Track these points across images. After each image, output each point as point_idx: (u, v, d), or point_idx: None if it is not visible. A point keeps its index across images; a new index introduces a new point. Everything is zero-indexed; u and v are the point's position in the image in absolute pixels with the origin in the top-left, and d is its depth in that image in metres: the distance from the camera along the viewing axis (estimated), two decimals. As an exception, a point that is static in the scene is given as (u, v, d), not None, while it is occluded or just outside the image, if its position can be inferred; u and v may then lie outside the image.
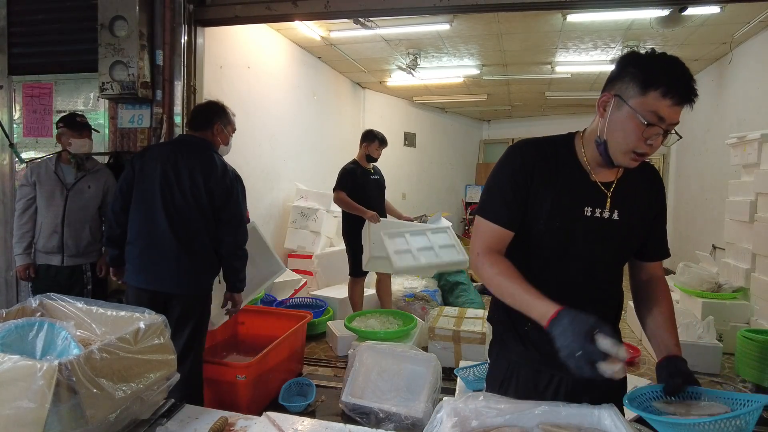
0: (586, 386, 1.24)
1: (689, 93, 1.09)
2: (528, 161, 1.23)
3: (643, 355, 3.82)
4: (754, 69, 4.81)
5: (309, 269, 5.04)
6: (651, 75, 1.10)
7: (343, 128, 7.21)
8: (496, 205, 1.24)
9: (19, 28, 3.53)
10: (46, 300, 1.33)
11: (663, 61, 1.13)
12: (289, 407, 2.75)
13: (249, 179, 4.72)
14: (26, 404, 0.93)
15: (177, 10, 3.25)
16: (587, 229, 1.21)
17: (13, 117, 3.61)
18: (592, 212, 1.21)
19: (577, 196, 1.22)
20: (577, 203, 1.22)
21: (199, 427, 1.24)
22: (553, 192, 1.22)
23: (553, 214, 1.21)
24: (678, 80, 1.09)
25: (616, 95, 1.14)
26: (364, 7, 3.17)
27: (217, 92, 4.09)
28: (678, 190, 7.28)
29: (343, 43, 5.47)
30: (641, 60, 1.15)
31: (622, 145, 1.13)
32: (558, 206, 1.21)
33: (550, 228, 1.22)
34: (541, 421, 1.04)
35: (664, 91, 1.07)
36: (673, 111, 1.09)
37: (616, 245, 1.25)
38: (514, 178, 1.23)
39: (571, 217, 1.21)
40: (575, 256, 1.23)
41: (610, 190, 1.23)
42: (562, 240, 1.22)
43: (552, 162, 1.24)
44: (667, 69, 1.10)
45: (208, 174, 2.38)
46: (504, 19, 4.52)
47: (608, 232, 1.22)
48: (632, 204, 1.25)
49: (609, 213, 1.22)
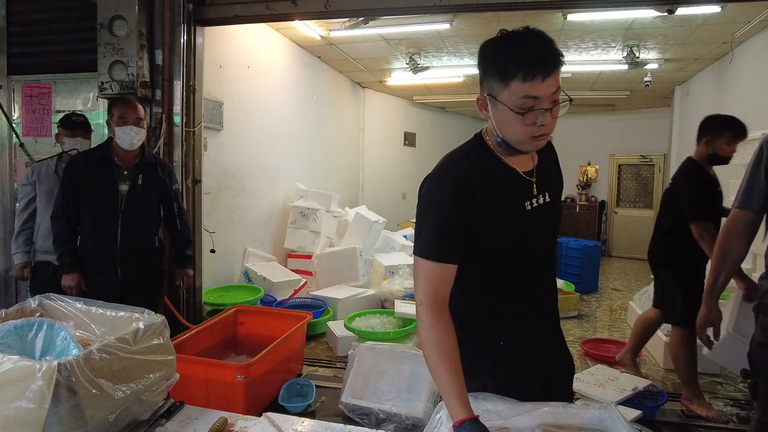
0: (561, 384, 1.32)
1: (550, 62, 1.03)
2: (461, 180, 1.13)
3: (644, 355, 3.81)
4: (754, 68, 4.81)
5: (309, 269, 5.04)
6: (504, 66, 1.05)
7: (343, 128, 7.21)
8: (433, 241, 1.12)
9: (18, 27, 3.53)
10: (46, 300, 1.33)
11: (511, 44, 1.07)
12: (288, 408, 2.75)
13: (249, 179, 4.73)
14: (26, 405, 0.92)
15: (176, 10, 3.24)
16: (535, 221, 1.20)
17: (13, 117, 3.60)
18: (531, 204, 1.20)
19: (518, 195, 1.20)
20: (517, 201, 1.19)
21: (198, 427, 1.23)
22: (496, 201, 1.16)
23: (506, 222, 1.17)
24: (532, 57, 1.03)
25: (488, 95, 1.11)
26: (364, 7, 3.17)
27: (216, 92, 4.09)
28: (678, 189, 7.26)
29: (343, 42, 5.46)
30: (491, 52, 1.10)
31: (516, 136, 1.11)
32: (507, 212, 1.17)
33: (508, 234, 1.17)
34: (541, 422, 1.04)
35: (523, 75, 1.02)
36: (545, 85, 1.04)
37: (554, 226, 1.28)
38: (452, 203, 1.12)
39: (520, 217, 1.19)
40: (534, 252, 1.23)
41: (533, 176, 1.22)
42: (519, 241, 1.18)
43: (482, 171, 1.16)
44: (516, 52, 1.05)
45: None
46: (504, 18, 4.51)
47: (549, 216, 1.24)
48: (551, 181, 1.27)
49: (543, 198, 1.22)
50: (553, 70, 1.04)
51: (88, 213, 2.55)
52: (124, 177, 2.55)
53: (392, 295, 4.37)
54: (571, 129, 9.33)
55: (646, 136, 8.86)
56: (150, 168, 2.63)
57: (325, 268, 4.92)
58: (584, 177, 9.49)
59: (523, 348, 1.23)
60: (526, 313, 1.25)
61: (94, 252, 2.55)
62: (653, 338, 3.82)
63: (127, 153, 2.56)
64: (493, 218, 1.15)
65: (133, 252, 2.56)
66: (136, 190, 2.56)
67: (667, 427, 2.71)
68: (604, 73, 6.36)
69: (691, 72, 6.36)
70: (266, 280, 4.44)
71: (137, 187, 2.56)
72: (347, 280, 4.78)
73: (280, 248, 5.34)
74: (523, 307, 1.24)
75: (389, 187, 8.35)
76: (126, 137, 2.50)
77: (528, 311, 1.25)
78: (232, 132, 4.36)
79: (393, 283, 4.48)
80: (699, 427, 2.71)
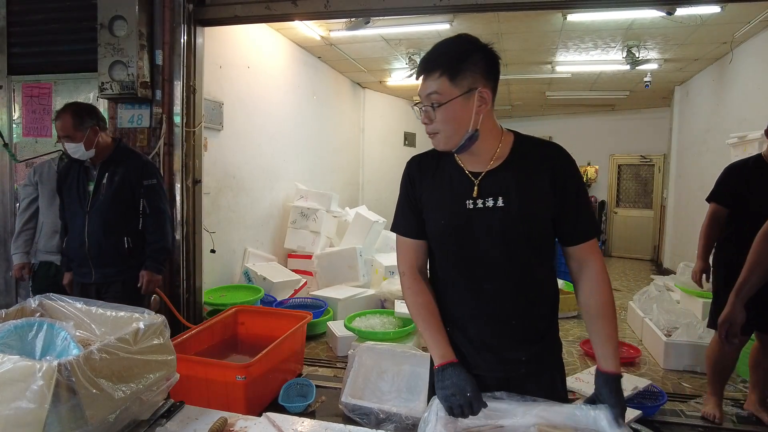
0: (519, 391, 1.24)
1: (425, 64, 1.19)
2: (411, 171, 1.34)
3: (644, 355, 3.81)
4: (754, 68, 4.81)
5: (309, 269, 5.04)
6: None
7: (343, 128, 7.21)
8: (401, 219, 1.35)
9: (18, 28, 3.53)
10: (46, 300, 1.33)
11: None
12: (289, 408, 2.75)
13: (249, 179, 4.73)
14: (26, 404, 0.92)
15: (176, 10, 3.24)
16: (474, 220, 1.23)
17: (13, 117, 3.61)
18: (474, 203, 1.22)
19: (457, 191, 1.25)
20: (459, 197, 1.24)
21: (198, 427, 1.23)
22: (435, 192, 1.29)
23: (439, 212, 1.27)
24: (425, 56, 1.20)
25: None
26: (364, 7, 3.17)
27: (216, 92, 4.09)
28: (678, 190, 7.27)
29: (343, 42, 5.46)
30: None
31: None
32: (441, 204, 1.27)
33: (440, 225, 1.26)
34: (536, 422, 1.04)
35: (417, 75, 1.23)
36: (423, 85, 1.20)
37: (510, 231, 1.20)
38: (406, 190, 1.34)
39: (455, 212, 1.24)
40: (473, 245, 1.24)
41: (478, 178, 1.24)
42: (454, 234, 1.25)
43: (433, 166, 1.31)
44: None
45: None
46: (504, 18, 4.51)
47: (497, 220, 1.20)
48: (519, 189, 1.20)
49: (493, 201, 1.21)
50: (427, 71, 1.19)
51: (66, 214, 2.57)
52: (92, 177, 2.51)
53: (392, 295, 4.37)
54: (571, 129, 9.33)
55: (646, 137, 8.86)
56: (117, 165, 2.51)
57: (325, 268, 4.92)
58: (584, 177, 9.50)
59: (464, 341, 1.29)
60: (470, 312, 1.28)
61: (72, 253, 2.54)
62: (653, 338, 3.82)
63: (97, 153, 2.48)
64: (431, 207, 1.29)
65: (102, 253, 2.48)
66: (101, 190, 2.47)
67: (667, 427, 2.71)
68: (604, 73, 6.36)
69: (691, 72, 6.36)
70: (266, 280, 4.44)
71: (102, 186, 2.47)
72: (347, 280, 4.78)
73: (280, 248, 5.34)
74: (468, 305, 1.28)
75: (389, 187, 8.35)
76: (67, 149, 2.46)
77: (472, 310, 1.27)
78: (232, 132, 4.36)
79: (393, 283, 4.48)
80: (699, 427, 2.71)
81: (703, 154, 6.17)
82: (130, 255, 2.53)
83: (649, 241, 8.90)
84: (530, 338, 1.27)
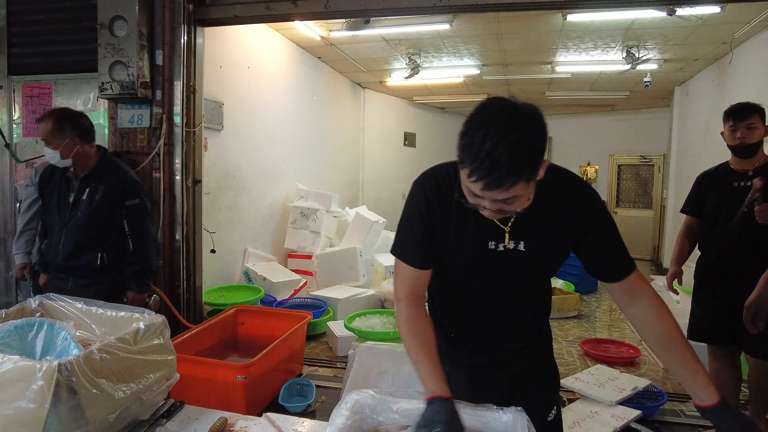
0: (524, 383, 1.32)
1: (493, 181, 0.94)
2: (430, 199, 1.18)
3: (644, 355, 3.82)
4: (754, 69, 4.81)
5: (309, 269, 5.04)
6: (462, 151, 0.98)
7: (343, 128, 7.21)
8: (408, 247, 1.22)
9: (18, 28, 3.53)
10: (46, 300, 1.33)
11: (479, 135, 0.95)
12: (289, 407, 2.75)
13: (249, 179, 4.73)
14: (26, 404, 0.93)
15: (176, 10, 3.24)
16: (494, 260, 1.18)
17: (13, 117, 3.61)
18: (495, 246, 1.17)
19: (477, 231, 1.17)
20: (480, 238, 1.18)
21: (198, 427, 1.23)
22: (454, 226, 1.18)
23: (460, 252, 1.19)
24: (481, 164, 0.94)
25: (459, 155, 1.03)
26: (364, 7, 3.17)
27: (216, 92, 4.09)
28: (678, 190, 7.27)
29: (343, 43, 5.46)
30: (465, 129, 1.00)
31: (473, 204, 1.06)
32: (461, 240, 1.18)
33: (458, 259, 1.20)
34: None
35: (468, 172, 0.97)
36: (489, 193, 0.97)
37: (526, 273, 1.22)
38: (419, 216, 1.19)
39: (475, 249, 1.18)
40: (486, 283, 1.23)
41: (507, 225, 1.16)
42: (471, 269, 1.22)
43: (448, 197, 1.16)
44: (476, 148, 0.94)
45: None
46: (504, 18, 4.51)
47: (515, 263, 1.19)
48: (540, 232, 1.17)
49: (514, 244, 1.17)
50: (494, 189, 0.96)
51: (46, 219, 2.52)
52: (74, 188, 2.42)
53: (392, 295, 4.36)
54: (571, 129, 9.33)
55: (646, 137, 8.86)
56: (98, 181, 2.41)
57: (325, 268, 4.92)
58: (584, 177, 9.50)
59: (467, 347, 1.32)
60: (469, 326, 1.31)
61: (49, 258, 2.49)
62: (653, 338, 3.82)
63: (78, 164, 2.40)
64: (449, 245, 1.19)
65: (77, 267, 2.42)
66: (80, 205, 2.38)
67: (667, 427, 2.71)
68: (603, 73, 6.35)
69: (691, 72, 6.36)
70: (266, 280, 4.44)
71: (81, 202, 2.39)
72: (347, 280, 4.79)
73: (280, 248, 5.34)
74: (468, 323, 1.31)
75: (389, 187, 8.35)
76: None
77: (472, 325, 1.31)
78: (232, 132, 4.36)
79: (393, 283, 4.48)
80: (698, 427, 2.71)
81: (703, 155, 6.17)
82: (103, 270, 2.44)
83: (648, 241, 8.90)
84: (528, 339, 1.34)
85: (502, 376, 1.32)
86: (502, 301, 1.27)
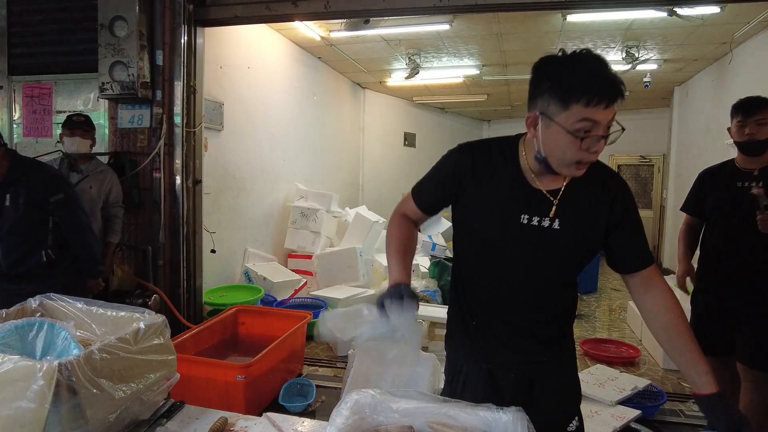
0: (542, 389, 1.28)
1: (614, 92, 1.02)
2: (460, 165, 1.25)
3: (643, 355, 3.82)
4: (754, 69, 4.81)
5: (309, 269, 5.04)
6: (568, 88, 1.03)
7: (343, 128, 7.22)
8: (422, 191, 1.36)
9: (19, 28, 3.53)
10: (46, 300, 1.33)
11: (576, 66, 1.05)
12: (289, 407, 2.75)
13: (249, 179, 4.73)
14: (26, 404, 0.93)
15: (177, 10, 3.25)
16: (521, 236, 1.19)
17: (13, 117, 3.61)
18: (529, 220, 1.18)
19: (514, 202, 1.19)
20: (514, 210, 1.19)
21: (199, 427, 1.24)
22: (487, 196, 1.22)
23: (486, 218, 1.22)
24: (597, 84, 1.02)
25: (541, 113, 1.09)
26: (364, 7, 3.17)
27: (216, 92, 4.10)
28: (677, 190, 7.27)
29: (343, 43, 5.46)
30: (554, 71, 1.08)
31: (562, 159, 1.09)
32: (491, 211, 1.21)
33: (483, 229, 1.23)
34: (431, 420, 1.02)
35: (586, 101, 1.02)
36: (606, 112, 1.03)
37: (556, 254, 1.21)
38: (442, 177, 1.30)
39: (503, 222, 1.19)
40: (510, 257, 1.22)
41: (556, 197, 1.18)
42: (495, 242, 1.22)
43: (489, 167, 1.22)
44: (582, 76, 1.03)
45: None
46: (504, 19, 4.52)
47: (546, 242, 1.18)
48: (577, 213, 1.19)
49: (549, 221, 1.17)
50: (614, 102, 1.03)
51: None
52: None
53: (392, 296, 4.37)
54: (571, 129, 9.34)
55: (646, 137, 8.86)
56: (17, 185, 2.33)
57: (325, 268, 4.92)
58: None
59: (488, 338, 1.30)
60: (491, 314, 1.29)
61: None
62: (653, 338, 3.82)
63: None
64: (479, 214, 1.24)
65: (24, 273, 2.38)
66: (7, 213, 2.32)
67: (667, 427, 2.72)
68: (603, 73, 6.35)
69: (691, 72, 6.36)
70: (266, 280, 4.44)
71: (5, 209, 2.32)
72: (347, 280, 4.79)
73: (280, 248, 5.34)
74: (490, 309, 1.29)
75: (389, 187, 8.35)
76: None
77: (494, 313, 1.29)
78: (232, 132, 4.36)
79: (393, 283, 4.48)
80: (698, 426, 2.71)
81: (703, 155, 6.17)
82: (53, 266, 2.42)
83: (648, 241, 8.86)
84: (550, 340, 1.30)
85: (519, 379, 1.28)
86: (526, 287, 1.24)
